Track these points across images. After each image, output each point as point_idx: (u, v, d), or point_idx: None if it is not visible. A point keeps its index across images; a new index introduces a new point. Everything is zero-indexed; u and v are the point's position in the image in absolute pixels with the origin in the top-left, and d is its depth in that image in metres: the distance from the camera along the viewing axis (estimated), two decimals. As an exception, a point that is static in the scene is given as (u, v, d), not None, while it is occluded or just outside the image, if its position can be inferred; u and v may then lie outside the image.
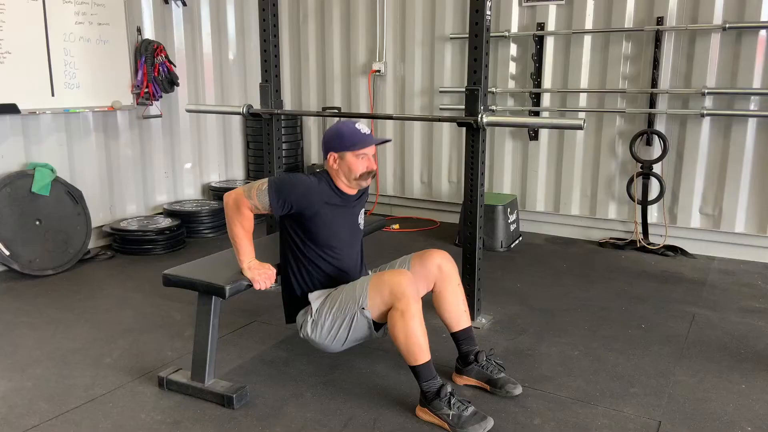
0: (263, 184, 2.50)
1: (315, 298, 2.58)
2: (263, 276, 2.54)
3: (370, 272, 2.80)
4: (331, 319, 2.50)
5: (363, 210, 2.82)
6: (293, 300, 2.67)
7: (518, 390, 2.56)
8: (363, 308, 2.42)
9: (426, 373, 2.37)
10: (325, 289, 2.61)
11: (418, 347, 2.34)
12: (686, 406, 2.50)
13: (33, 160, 4.21)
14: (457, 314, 2.66)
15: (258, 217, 2.65)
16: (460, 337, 2.67)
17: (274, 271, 2.60)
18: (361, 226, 2.81)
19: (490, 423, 2.30)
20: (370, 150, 2.60)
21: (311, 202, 2.52)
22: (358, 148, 2.55)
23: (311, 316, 2.56)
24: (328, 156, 2.60)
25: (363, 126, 2.61)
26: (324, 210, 2.55)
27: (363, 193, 2.79)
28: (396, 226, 5.34)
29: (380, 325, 2.48)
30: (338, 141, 2.58)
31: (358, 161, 2.56)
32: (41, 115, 4.24)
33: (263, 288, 2.55)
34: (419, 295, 2.48)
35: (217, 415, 2.42)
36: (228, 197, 2.53)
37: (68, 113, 4.40)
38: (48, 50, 4.17)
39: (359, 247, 2.79)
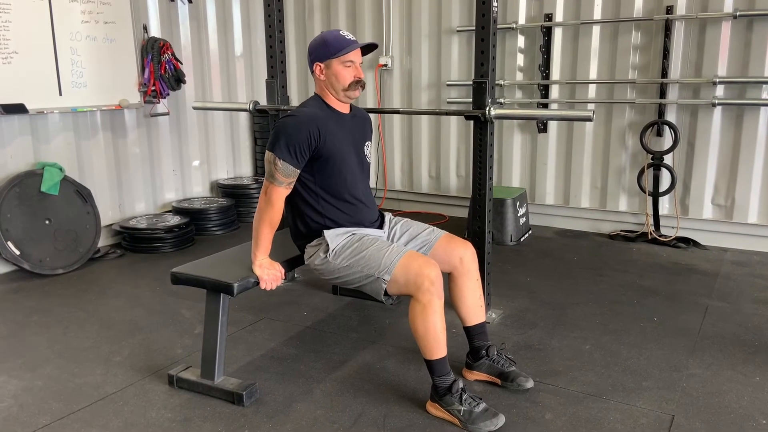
0: (272, 160, 2.44)
1: (333, 236, 2.52)
2: (271, 276, 2.52)
3: (387, 216, 2.76)
4: (347, 265, 2.46)
5: (369, 143, 2.75)
6: (306, 231, 2.61)
7: (530, 383, 2.54)
8: (384, 279, 2.38)
9: (440, 369, 2.35)
10: (341, 228, 2.56)
11: (436, 342, 2.32)
12: (700, 400, 2.47)
13: (42, 160, 4.23)
14: (474, 309, 2.63)
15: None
16: (473, 332, 2.64)
17: (283, 272, 2.58)
18: (368, 159, 2.74)
19: (501, 420, 2.28)
20: (356, 57, 2.54)
21: (312, 131, 2.44)
22: (343, 53, 2.49)
23: (324, 253, 2.51)
24: (314, 67, 2.55)
25: (347, 32, 2.56)
26: (327, 137, 2.49)
27: (363, 118, 2.74)
28: (405, 221, 5.31)
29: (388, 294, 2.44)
30: (323, 49, 2.52)
31: (345, 69, 2.51)
32: (49, 114, 4.25)
33: (269, 288, 2.54)
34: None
35: (227, 413, 2.42)
36: (261, 196, 2.49)
37: (76, 112, 4.41)
38: (55, 49, 4.17)
39: (368, 181, 2.74)
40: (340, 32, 2.54)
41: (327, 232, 2.54)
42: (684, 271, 4.01)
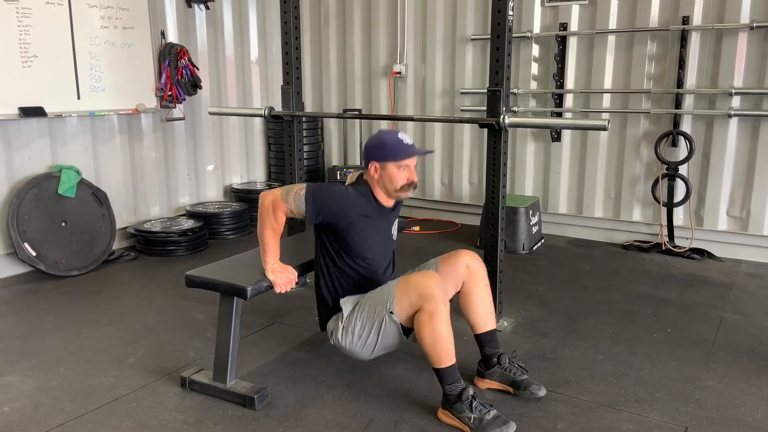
0: (302, 189, 2.48)
1: (345, 303, 2.57)
2: (284, 279, 2.54)
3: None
4: (360, 325, 2.49)
5: (396, 221, 2.80)
6: (325, 307, 2.68)
7: (542, 391, 2.53)
8: (391, 312, 2.40)
9: (450, 376, 2.35)
10: (356, 295, 2.61)
11: (444, 350, 2.32)
12: (713, 412, 2.45)
13: (59, 163, 4.28)
14: (484, 315, 2.64)
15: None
16: (484, 339, 2.64)
17: (296, 274, 2.60)
18: (394, 237, 2.78)
19: (512, 427, 2.28)
20: (411, 161, 2.57)
21: (347, 214, 2.50)
22: (400, 159, 2.52)
23: (341, 323, 2.55)
24: (370, 165, 2.58)
25: (406, 136, 2.58)
26: (359, 222, 2.53)
27: (398, 204, 2.76)
28: (416, 228, 5.32)
29: (410, 330, 2.45)
30: (381, 151, 2.55)
31: (400, 172, 2.54)
32: (67, 117, 4.31)
33: (283, 291, 2.55)
34: (447, 297, 2.45)
35: (238, 416, 2.43)
36: (264, 197, 2.51)
37: (93, 116, 4.46)
38: (74, 54, 4.23)
39: (391, 256, 2.77)
40: (399, 135, 2.57)
41: (342, 301, 2.59)
42: (698, 283, 3.98)
